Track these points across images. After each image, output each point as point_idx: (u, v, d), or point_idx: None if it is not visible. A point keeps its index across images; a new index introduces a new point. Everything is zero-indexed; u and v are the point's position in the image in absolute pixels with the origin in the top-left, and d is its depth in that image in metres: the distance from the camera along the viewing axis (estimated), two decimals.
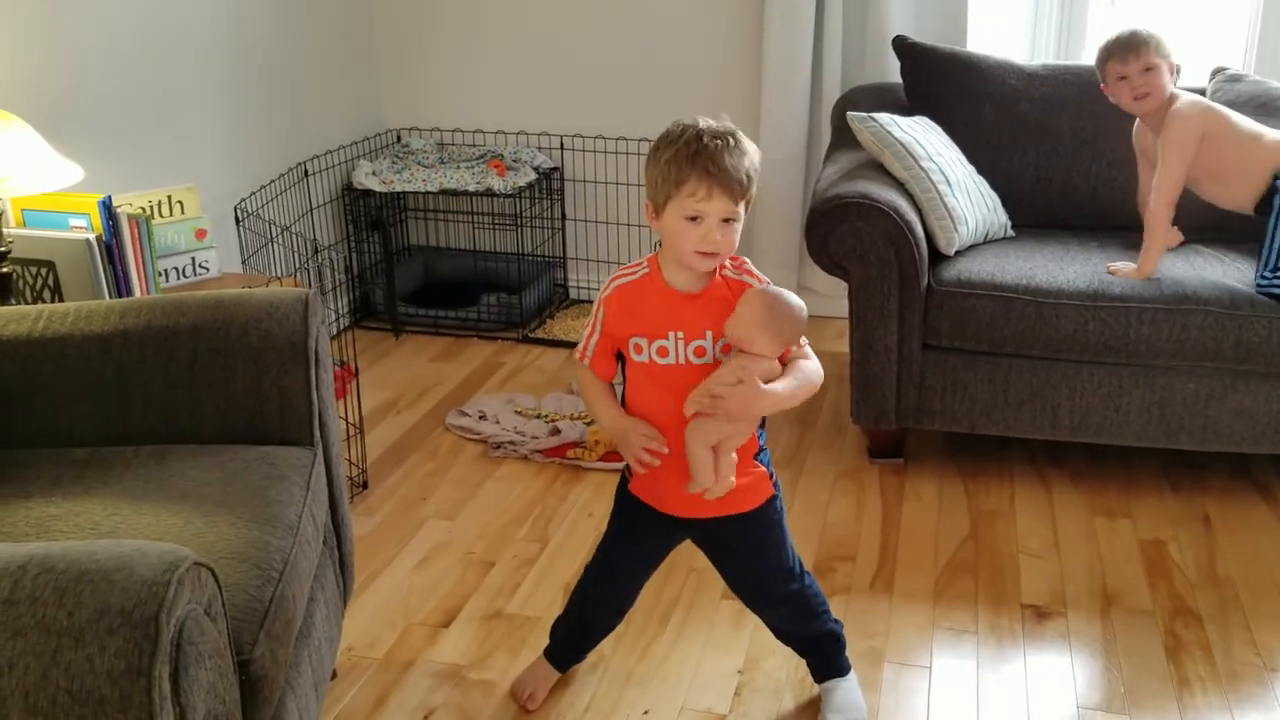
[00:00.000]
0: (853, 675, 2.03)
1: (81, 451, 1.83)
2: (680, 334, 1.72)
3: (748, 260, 1.77)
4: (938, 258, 2.76)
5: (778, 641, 2.04)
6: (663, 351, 1.73)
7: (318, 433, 1.91)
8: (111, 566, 1.18)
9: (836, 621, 2.02)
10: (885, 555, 2.50)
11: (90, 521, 1.60)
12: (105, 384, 1.88)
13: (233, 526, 1.60)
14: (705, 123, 1.67)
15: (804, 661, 2.07)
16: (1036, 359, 2.68)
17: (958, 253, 2.79)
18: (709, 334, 1.72)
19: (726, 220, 1.66)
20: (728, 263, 1.74)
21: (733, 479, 1.75)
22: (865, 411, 2.79)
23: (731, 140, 1.65)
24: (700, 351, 1.72)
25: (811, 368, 1.75)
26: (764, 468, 1.85)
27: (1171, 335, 2.58)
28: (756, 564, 1.91)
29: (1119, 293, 2.62)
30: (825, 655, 2.02)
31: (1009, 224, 3.01)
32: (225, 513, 1.63)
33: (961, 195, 2.82)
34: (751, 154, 1.68)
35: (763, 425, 1.82)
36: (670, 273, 1.74)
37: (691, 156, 1.63)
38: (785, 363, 1.74)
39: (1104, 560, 2.47)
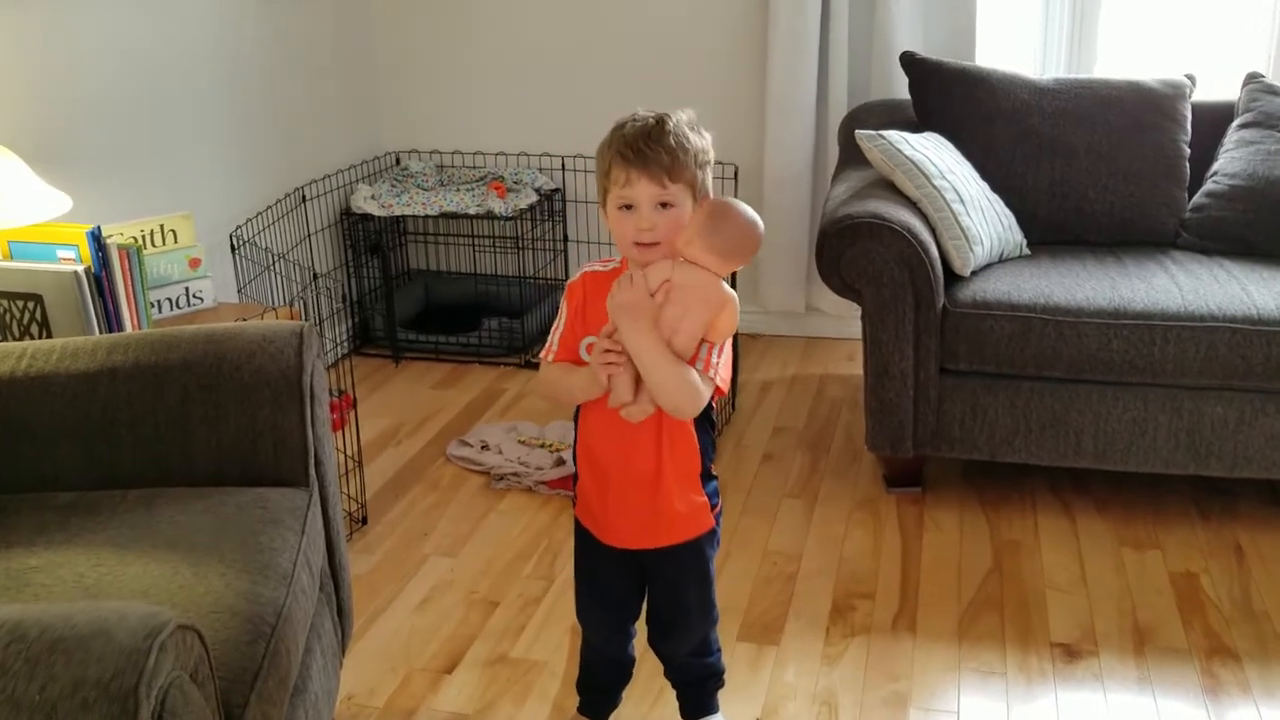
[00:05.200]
0: (721, 714, 1.94)
1: (66, 496, 1.75)
2: None
3: None
4: (952, 278, 2.68)
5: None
6: None
7: (313, 472, 1.83)
8: (88, 634, 1.09)
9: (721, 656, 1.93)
10: (906, 592, 2.40)
11: (73, 574, 1.52)
12: (91, 425, 1.79)
13: (223, 577, 1.51)
14: (636, 112, 1.62)
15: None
16: (1058, 381, 2.59)
17: (972, 273, 2.71)
18: None
19: (663, 205, 1.57)
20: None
21: (651, 406, 1.58)
22: (881, 439, 2.70)
23: (651, 121, 1.58)
24: None
25: (692, 378, 1.57)
26: (705, 497, 1.73)
27: (1198, 353, 2.49)
28: (678, 596, 1.80)
29: (1141, 309, 2.53)
30: (705, 692, 1.92)
31: (1024, 242, 2.92)
32: (215, 562, 1.54)
33: (976, 214, 2.74)
34: (678, 133, 1.57)
35: (711, 440, 1.71)
36: (634, 270, 1.62)
37: (608, 144, 1.60)
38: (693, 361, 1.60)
39: (1134, 594, 2.37)
